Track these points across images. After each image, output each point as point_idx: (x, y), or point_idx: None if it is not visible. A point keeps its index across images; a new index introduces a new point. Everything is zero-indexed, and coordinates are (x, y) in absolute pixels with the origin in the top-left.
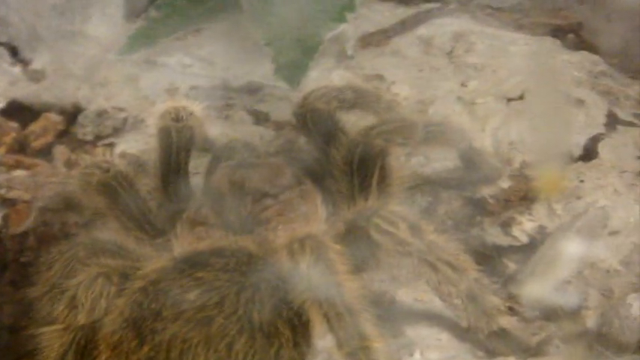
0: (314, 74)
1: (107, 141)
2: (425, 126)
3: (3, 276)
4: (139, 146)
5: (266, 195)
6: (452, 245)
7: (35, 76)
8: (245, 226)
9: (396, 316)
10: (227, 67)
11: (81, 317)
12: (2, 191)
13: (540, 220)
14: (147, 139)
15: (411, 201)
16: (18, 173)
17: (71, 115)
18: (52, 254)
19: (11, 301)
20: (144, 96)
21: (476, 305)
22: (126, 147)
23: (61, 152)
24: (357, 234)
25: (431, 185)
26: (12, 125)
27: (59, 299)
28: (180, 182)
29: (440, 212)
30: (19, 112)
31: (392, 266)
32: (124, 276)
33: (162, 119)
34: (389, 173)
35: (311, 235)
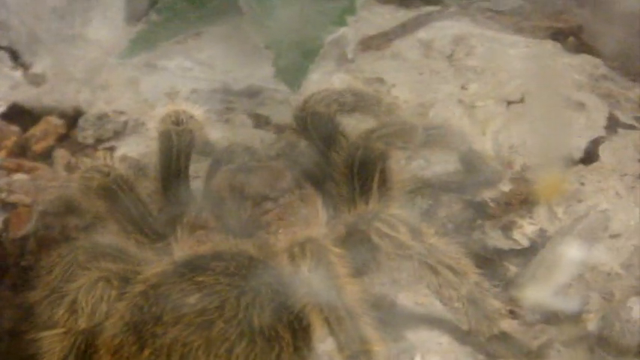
0: (314, 77)
1: (108, 144)
2: (425, 129)
3: (3, 280)
4: (140, 150)
5: (266, 198)
6: (452, 248)
7: (36, 80)
8: (245, 230)
9: (397, 320)
10: (227, 71)
11: (81, 321)
12: (3, 195)
13: (541, 224)
14: (147, 143)
15: (412, 204)
16: (18, 177)
17: (72, 119)
18: (53, 258)
19: (11, 305)
20: (144, 99)
21: (477, 309)
22: (126, 150)
23: (62, 156)
24: (358, 237)
25: (431, 188)
26: (13, 129)
27: (59, 303)
28: (180, 186)
29: (440, 215)
30: (20, 116)
31: (392, 269)
32: (125, 280)
33: (162, 123)
34: (389, 176)
35: (311, 239)
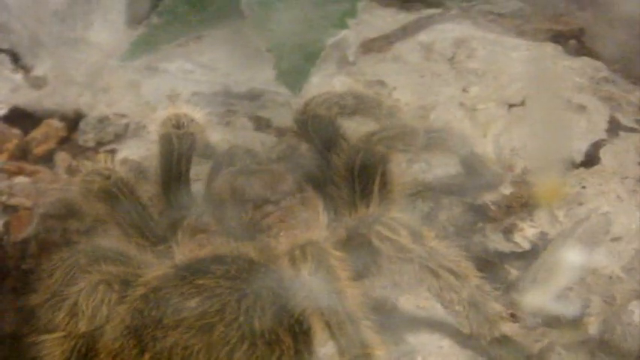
0: (315, 80)
1: (109, 147)
2: (426, 132)
3: (4, 283)
4: (141, 153)
5: (267, 201)
6: (453, 252)
7: (37, 83)
8: (246, 233)
9: (398, 323)
10: (228, 74)
11: (82, 325)
12: (4, 198)
13: (542, 227)
14: (148, 146)
15: (413, 207)
16: (19, 180)
17: (73, 122)
18: (54, 261)
19: (12, 309)
20: (145, 102)
21: (477, 312)
22: (127, 153)
23: (63, 159)
24: (359, 240)
25: (432, 191)
26: (14, 132)
27: (60, 307)
28: (181, 189)
29: (441, 218)
30: (21, 119)
31: (393, 273)
32: (125, 283)
33: (163, 126)
34: (390, 179)
35: (312, 242)
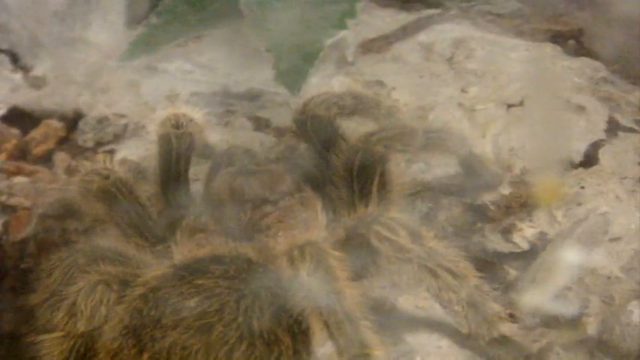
0: (314, 80)
1: (108, 147)
2: (425, 132)
3: (3, 283)
4: (140, 153)
5: (266, 201)
6: (452, 252)
7: (36, 83)
8: (245, 233)
9: (397, 323)
10: (227, 74)
11: (80, 325)
12: (3, 198)
13: (541, 227)
14: (147, 146)
15: (412, 207)
16: (18, 180)
17: (72, 122)
18: (52, 261)
19: (11, 308)
20: (144, 102)
21: (476, 312)
22: (126, 153)
23: (62, 159)
24: (358, 241)
25: (431, 192)
26: (13, 132)
27: (59, 306)
28: (180, 189)
29: (440, 219)
30: (20, 119)
31: (392, 273)
32: (124, 283)
33: (162, 126)
34: (389, 180)
35: (311, 242)
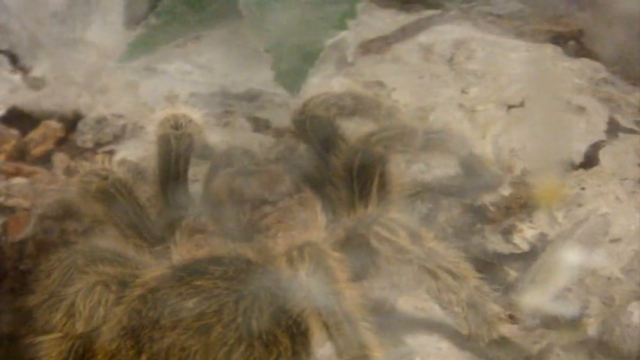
0: (314, 81)
1: (107, 148)
2: (425, 133)
3: (2, 284)
4: (139, 153)
5: (265, 202)
6: (452, 253)
7: (35, 84)
8: (244, 234)
9: (396, 325)
10: (227, 74)
11: (79, 325)
12: (1, 199)
13: (541, 228)
14: (146, 147)
15: (411, 208)
16: (17, 181)
17: (71, 123)
18: (51, 262)
19: (10, 309)
20: (143, 103)
21: (476, 313)
22: (125, 154)
23: (61, 160)
24: (357, 241)
25: (431, 192)
26: (12, 133)
27: (57, 307)
28: (179, 190)
29: (440, 220)
30: (19, 120)
31: (392, 274)
32: (123, 284)
33: (161, 127)
34: (389, 180)
35: (310, 243)
